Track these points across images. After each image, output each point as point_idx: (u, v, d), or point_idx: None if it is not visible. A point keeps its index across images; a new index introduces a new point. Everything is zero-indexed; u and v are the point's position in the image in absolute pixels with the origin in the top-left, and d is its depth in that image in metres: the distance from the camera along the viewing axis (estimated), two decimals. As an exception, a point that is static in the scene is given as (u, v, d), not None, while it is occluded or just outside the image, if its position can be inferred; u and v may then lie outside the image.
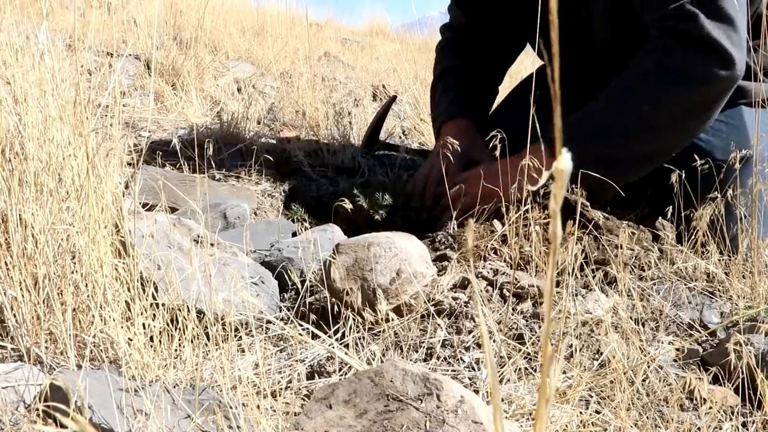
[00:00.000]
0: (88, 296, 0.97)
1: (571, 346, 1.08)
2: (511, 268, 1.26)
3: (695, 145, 1.51)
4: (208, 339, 0.99)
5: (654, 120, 1.42)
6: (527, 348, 1.07)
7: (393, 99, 2.17)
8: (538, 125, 1.20)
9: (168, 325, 0.99)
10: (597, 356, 1.07)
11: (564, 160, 0.23)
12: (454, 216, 1.39)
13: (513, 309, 1.18)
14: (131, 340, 0.94)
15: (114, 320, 0.95)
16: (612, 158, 1.41)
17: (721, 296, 1.32)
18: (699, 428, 0.95)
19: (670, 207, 1.40)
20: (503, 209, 1.34)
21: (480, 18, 1.83)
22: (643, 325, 1.19)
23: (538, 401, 0.26)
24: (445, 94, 1.77)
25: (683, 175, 1.36)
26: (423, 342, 1.09)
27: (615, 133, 1.44)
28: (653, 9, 1.43)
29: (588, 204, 1.41)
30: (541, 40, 0.91)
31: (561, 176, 0.23)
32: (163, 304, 1.00)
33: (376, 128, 2.09)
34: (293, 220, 1.55)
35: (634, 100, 1.42)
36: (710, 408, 0.96)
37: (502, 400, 0.98)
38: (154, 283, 1.03)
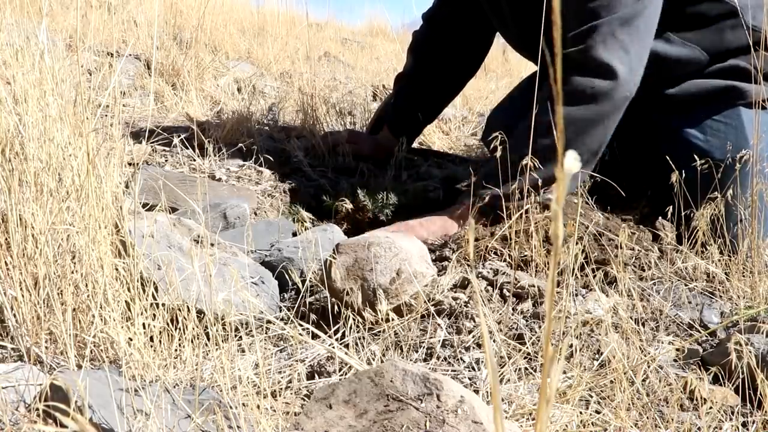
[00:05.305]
0: (88, 296, 0.97)
1: (571, 346, 1.08)
2: (511, 268, 1.26)
3: (694, 145, 1.54)
4: (208, 339, 0.99)
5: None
6: (527, 348, 1.07)
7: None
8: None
9: (168, 325, 0.99)
10: (597, 356, 1.07)
11: (568, 163, 0.23)
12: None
13: (513, 309, 1.18)
14: (131, 340, 0.94)
15: (114, 320, 0.95)
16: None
17: (721, 296, 1.32)
18: (699, 428, 0.95)
19: (670, 207, 1.40)
20: (504, 210, 1.34)
21: (452, 5, 1.96)
22: (643, 325, 1.19)
23: (539, 402, 0.26)
24: (392, 98, 2.09)
25: (683, 175, 1.37)
26: (423, 342, 1.09)
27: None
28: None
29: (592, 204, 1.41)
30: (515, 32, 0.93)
31: (563, 178, 0.23)
32: (163, 304, 1.00)
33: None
34: (293, 220, 1.55)
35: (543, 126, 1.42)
36: (710, 408, 0.96)
37: (502, 400, 0.98)
38: (154, 283, 1.03)
